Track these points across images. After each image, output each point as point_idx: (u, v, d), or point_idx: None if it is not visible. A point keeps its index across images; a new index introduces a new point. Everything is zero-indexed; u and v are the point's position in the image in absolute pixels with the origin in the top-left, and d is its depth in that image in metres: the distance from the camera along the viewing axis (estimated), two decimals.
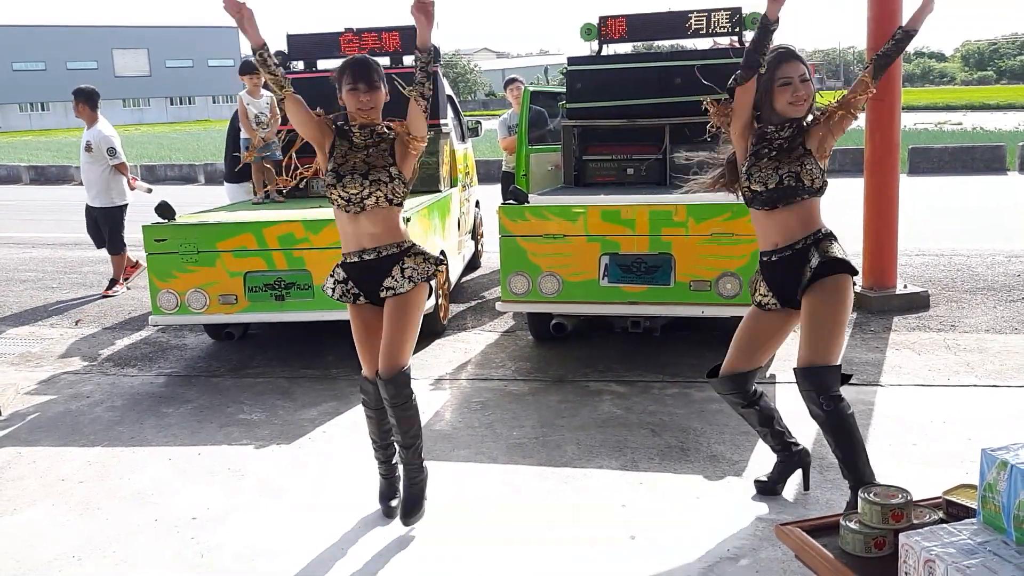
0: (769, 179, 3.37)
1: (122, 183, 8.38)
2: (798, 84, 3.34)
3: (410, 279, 3.48)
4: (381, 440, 3.71)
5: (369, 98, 3.42)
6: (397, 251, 3.49)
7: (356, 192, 3.40)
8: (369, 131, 3.48)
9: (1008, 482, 1.78)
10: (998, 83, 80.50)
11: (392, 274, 3.47)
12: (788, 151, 3.39)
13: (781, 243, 3.43)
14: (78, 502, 3.93)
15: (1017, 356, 5.49)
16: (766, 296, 3.53)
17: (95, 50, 77.44)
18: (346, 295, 3.55)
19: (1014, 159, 17.13)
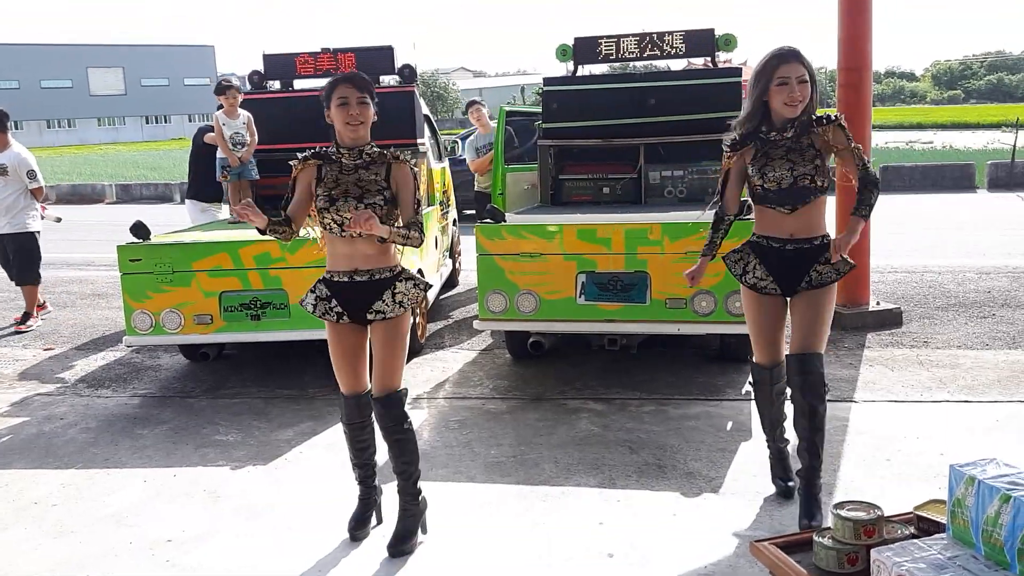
0: (783, 178, 3.44)
1: (36, 208, 7.88)
2: (795, 85, 3.38)
3: (400, 304, 3.45)
4: (356, 458, 3.68)
5: (358, 112, 3.36)
6: (390, 276, 3.46)
7: (351, 216, 3.31)
8: (358, 152, 3.42)
9: (976, 497, 1.81)
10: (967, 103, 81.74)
11: (383, 298, 3.43)
12: (799, 151, 3.46)
13: (799, 235, 3.52)
14: (52, 525, 3.89)
15: (988, 372, 5.56)
16: (764, 280, 3.58)
17: (70, 69, 77.03)
18: (329, 312, 3.49)
19: (983, 177, 17.41)
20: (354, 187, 3.39)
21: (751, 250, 3.63)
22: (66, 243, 12.98)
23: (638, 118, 6.83)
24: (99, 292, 9.45)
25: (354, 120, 3.36)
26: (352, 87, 3.36)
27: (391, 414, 3.51)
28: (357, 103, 3.36)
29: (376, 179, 3.41)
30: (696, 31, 6.96)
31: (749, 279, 3.61)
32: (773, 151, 3.49)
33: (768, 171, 3.46)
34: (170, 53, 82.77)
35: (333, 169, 3.44)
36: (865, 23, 6.77)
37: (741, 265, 3.63)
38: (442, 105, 74.53)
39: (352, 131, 3.38)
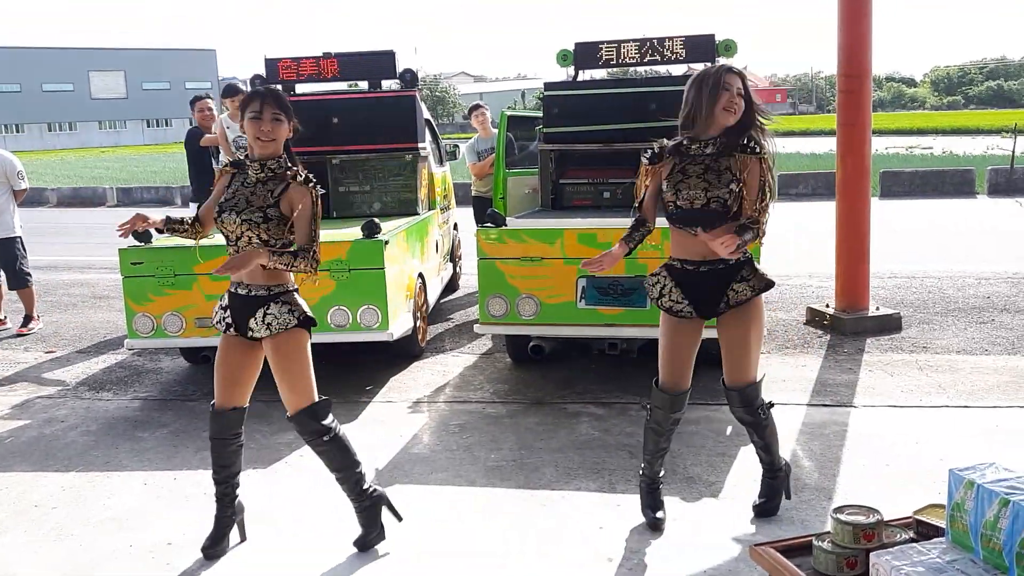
0: (696, 198, 3.38)
1: (17, 212, 7.85)
2: (735, 93, 3.35)
3: (268, 326, 3.34)
4: (215, 474, 3.61)
5: (269, 128, 3.28)
6: (265, 294, 3.37)
7: (232, 230, 3.32)
8: (260, 166, 3.33)
9: (975, 501, 1.81)
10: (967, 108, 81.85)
11: (255, 316, 3.36)
12: (716, 173, 3.39)
13: (711, 256, 3.45)
14: (52, 528, 3.89)
15: (987, 376, 5.57)
16: (680, 303, 3.53)
17: (71, 72, 77.16)
18: (220, 322, 3.48)
19: (983, 183, 17.43)
20: (243, 200, 3.32)
21: (667, 273, 3.59)
22: (67, 246, 13.00)
23: (639, 123, 6.83)
24: (100, 295, 9.46)
25: (265, 136, 3.29)
26: (268, 102, 3.28)
27: (305, 430, 3.50)
28: (271, 119, 3.28)
29: (267, 195, 3.31)
30: (696, 36, 6.98)
31: (665, 303, 3.56)
32: (690, 167, 3.43)
33: (683, 189, 3.40)
34: (172, 57, 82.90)
35: (238, 180, 3.40)
36: (865, 30, 6.79)
37: (657, 288, 3.60)
38: (443, 109, 74.63)
39: (262, 147, 3.31)
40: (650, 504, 3.74)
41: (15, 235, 7.78)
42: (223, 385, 3.53)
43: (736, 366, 3.58)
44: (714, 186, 3.37)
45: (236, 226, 3.31)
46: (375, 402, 5.51)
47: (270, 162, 3.33)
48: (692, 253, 3.51)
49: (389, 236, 5.59)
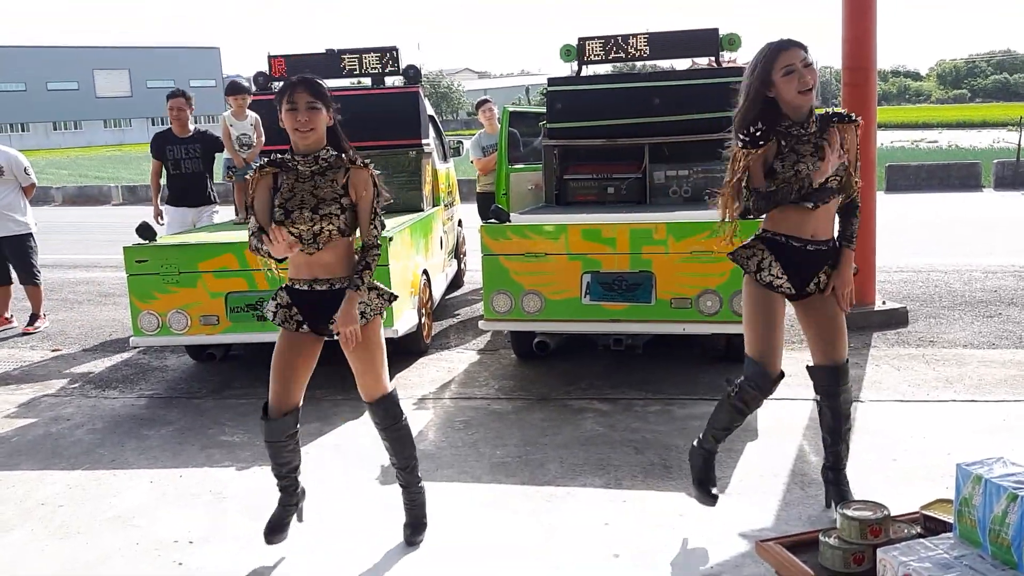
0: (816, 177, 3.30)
1: (29, 207, 7.89)
2: (802, 70, 3.23)
3: (362, 314, 3.31)
4: (278, 473, 3.55)
5: (307, 118, 3.21)
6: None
7: (306, 228, 3.23)
8: (313, 158, 3.27)
9: (983, 496, 1.80)
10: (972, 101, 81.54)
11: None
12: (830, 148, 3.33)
13: (819, 236, 3.41)
14: (58, 526, 3.90)
15: (995, 371, 5.55)
16: (780, 278, 3.40)
17: (76, 71, 77.32)
18: (289, 321, 3.37)
19: (989, 176, 17.37)
20: (309, 196, 3.25)
21: (765, 246, 3.44)
22: (72, 244, 13.03)
23: (642, 118, 6.82)
24: (106, 293, 9.47)
25: (303, 127, 3.21)
26: (304, 92, 3.22)
27: (388, 415, 3.50)
28: (306, 108, 3.21)
29: (333, 186, 3.27)
30: (700, 31, 6.97)
31: (765, 276, 3.41)
32: (800, 147, 3.32)
33: (800, 167, 3.29)
34: (176, 55, 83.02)
35: (289, 177, 3.30)
36: (870, 23, 6.76)
37: (755, 262, 3.43)
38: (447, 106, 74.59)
39: (302, 138, 3.24)
40: (709, 479, 3.65)
41: (28, 231, 7.82)
42: (283, 384, 3.42)
43: (833, 345, 3.55)
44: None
45: (313, 223, 3.23)
46: None
47: (321, 153, 3.28)
48: (800, 229, 3.39)
49: (393, 233, 5.58)
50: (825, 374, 3.57)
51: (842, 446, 3.67)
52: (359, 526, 3.78)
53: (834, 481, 3.69)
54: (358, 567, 3.44)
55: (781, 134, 3.34)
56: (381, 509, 3.90)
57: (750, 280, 3.48)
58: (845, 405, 3.62)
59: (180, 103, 7.33)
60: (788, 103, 3.30)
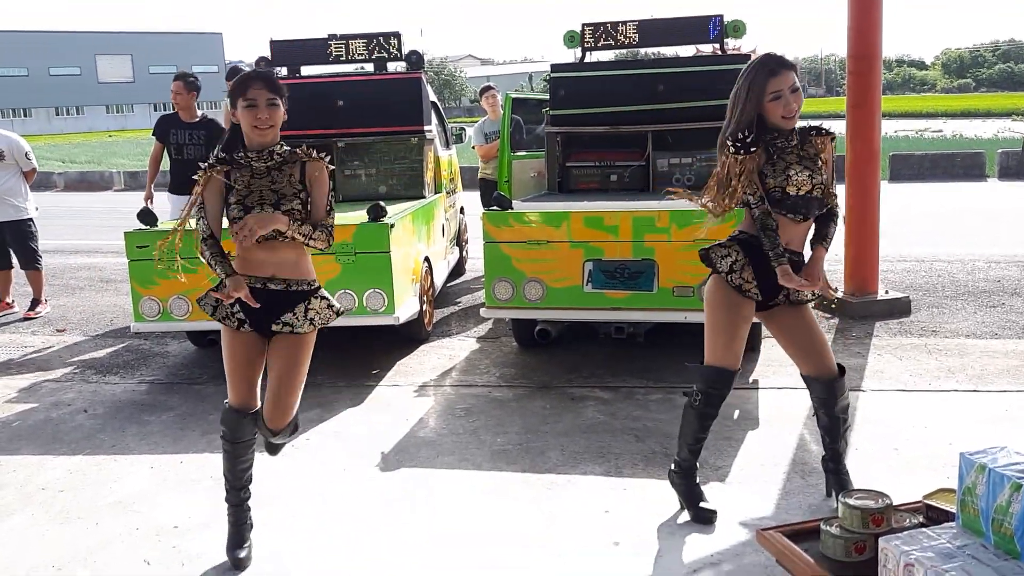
0: (804, 184, 3.32)
1: (30, 192, 7.88)
2: (788, 96, 3.27)
3: (311, 321, 3.26)
4: (236, 480, 3.42)
5: (268, 115, 3.14)
6: (308, 289, 3.28)
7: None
8: (268, 153, 3.20)
9: (986, 486, 1.79)
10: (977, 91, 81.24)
11: (295, 311, 3.24)
12: (810, 159, 3.37)
13: (792, 246, 3.40)
14: (59, 511, 3.90)
15: (997, 361, 5.54)
16: (751, 283, 3.39)
17: (78, 56, 77.19)
18: (230, 318, 3.27)
19: (993, 166, 17.31)
20: (268, 192, 3.17)
21: (740, 248, 3.42)
22: (74, 229, 13.02)
23: (646, 105, 6.79)
24: (107, 278, 9.47)
25: (263, 124, 3.15)
26: (262, 88, 3.15)
27: (283, 438, 3.45)
28: (266, 105, 3.14)
29: (291, 181, 3.21)
30: (692, 18, 6.94)
31: (735, 279, 3.38)
32: (786, 156, 3.35)
33: (793, 174, 3.31)
34: (178, 41, 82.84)
35: (244, 174, 3.20)
36: (875, 11, 6.72)
37: (727, 262, 3.40)
38: (449, 92, 74.40)
39: (260, 135, 3.17)
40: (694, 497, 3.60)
41: (29, 216, 7.80)
42: (242, 384, 3.33)
43: (820, 356, 3.50)
44: (815, 172, 3.35)
45: None
46: (381, 386, 5.50)
47: (276, 148, 3.21)
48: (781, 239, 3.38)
49: (395, 219, 5.56)
50: (820, 387, 3.55)
51: (840, 443, 3.68)
52: (360, 511, 3.78)
53: (834, 471, 3.69)
54: (358, 552, 3.44)
55: (768, 143, 3.37)
56: (381, 495, 3.90)
57: (719, 281, 3.44)
58: (842, 412, 3.60)
59: (178, 86, 7.18)
60: (772, 123, 3.35)
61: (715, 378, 3.46)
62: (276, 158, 3.22)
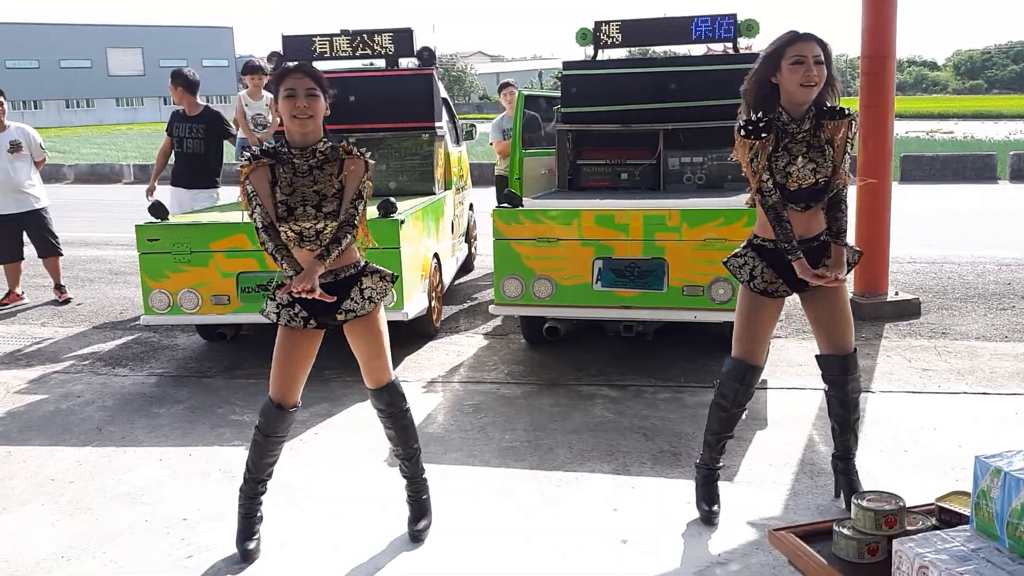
0: (806, 178, 3.29)
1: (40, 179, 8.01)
2: (811, 64, 3.18)
3: (370, 299, 3.30)
4: (258, 473, 3.44)
5: (307, 105, 3.10)
6: (355, 272, 3.30)
7: (310, 226, 3.16)
8: (311, 151, 3.17)
9: (1002, 489, 1.78)
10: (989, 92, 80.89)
11: (352, 296, 3.27)
12: (818, 149, 3.29)
13: (810, 233, 3.39)
14: (68, 502, 3.91)
15: (1007, 363, 5.51)
16: (774, 283, 3.40)
17: (89, 49, 77.35)
18: (295, 319, 3.27)
19: (1005, 168, 17.23)
20: (311, 193, 3.16)
21: (755, 253, 3.44)
22: (85, 222, 13.05)
23: (657, 103, 6.78)
24: (117, 271, 9.50)
25: (302, 113, 3.10)
26: (302, 77, 3.12)
27: (393, 402, 3.45)
28: (305, 94, 3.11)
29: (331, 181, 3.19)
30: (677, 18, 6.93)
31: (759, 284, 3.41)
32: (793, 145, 3.29)
33: (792, 169, 3.28)
34: (189, 34, 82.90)
35: (287, 171, 3.19)
36: (890, 10, 6.68)
37: (747, 270, 3.44)
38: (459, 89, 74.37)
39: (300, 125, 3.13)
40: (705, 497, 3.62)
41: (44, 205, 7.94)
42: (288, 379, 3.34)
43: (839, 335, 3.51)
44: (820, 164, 3.29)
45: (317, 221, 3.16)
46: None
47: (318, 146, 3.18)
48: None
49: (405, 215, 5.56)
50: (833, 363, 3.55)
51: (851, 436, 3.65)
52: (368, 505, 3.78)
53: (843, 471, 3.68)
54: (369, 546, 3.44)
55: (779, 128, 3.30)
56: (392, 489, 3.90)
57: (745, 288, 3.49)
58: (853, 395, 3.59)
59: (170, 85, 7.29)
60: (788, 93, 3.26)
61: (731, 368, 3.52)
62: (319, 156, 3.19)
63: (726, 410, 3.56)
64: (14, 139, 7.67)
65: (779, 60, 3.23)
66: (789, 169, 3.29)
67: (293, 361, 3.34)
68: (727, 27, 6.82)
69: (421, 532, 3.50)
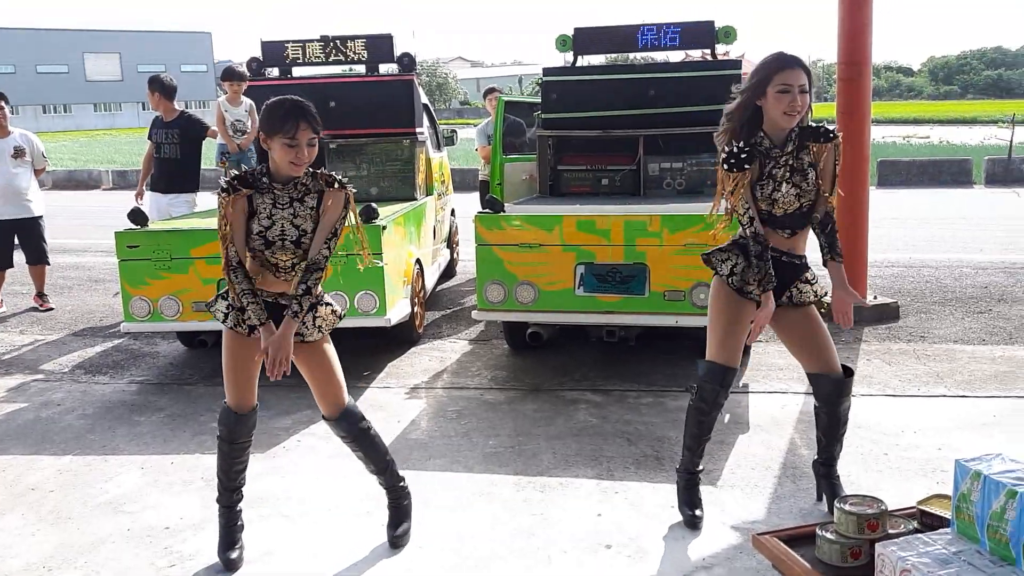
0: (791, 204, 3.34)
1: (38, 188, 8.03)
2: (796, 94, 3.23)
3: (319, 328, 3.30)
4: (230, 482, 3.43)
5: (308, 155, 3.07)
6: (314, 300, 3.26)
7: (286, 260, 3.17)
8: (293, 184, 3.14)
9: (982, 493, 1.80)
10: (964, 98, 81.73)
11: (304, 322, 3.25)
12: (800, 173, 3.34)
13: (795, 251, 3.46)
14: (49, 511, 3.88)
15: (984, 366, 5.57)
16: (751, 285, 3.41)
17: (66, 54, 76.75)
18: (240, 324, 3.26)
19: (980, 173, 17.42)
20: (290, 227, 3.14)
21: (740, 251, 3.45)
22: (63, 229, 12.93)
23: (638, 109, 6.81)
24: (96, 278, 9.43)
25: (301, 163, 3.07)
26: (307, 129, 3.04)
27: (353, 426, 3.42)
28: (307, 145, 3.06)
29: (311, 214, 3.16)
30: (696, 23, 6.95)
31: (736, 281, 3.43)
32: (776, 171, 3.33)
33: (777, 196, 3.32)
34: (167, 39, 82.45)
35: (266, 201, 3.13)
36: (866, 17, 6.75)
37: (728, 265, 3.45)
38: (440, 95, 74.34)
39: (296, 171, 3.09)
40: (687, 501, 3.63)
41: (41, 213, 7.93)
42: (243, 385, 3.35)
43: (827, 355, 3.53)
44: (804, 189, 3.34)
45: (294, 257, 3.17)
46: (372, 387, 5.50)
47: (300, 179, 3.13)
48: (776, 243, 3.43)
49: (387, 221, 5.56)
50: (827, 384, 3.55)
51: (836, 446, 3.69)
52: (351, 513, 3.77)
53: (825, 475, 3.71)
54: (351, 553, 3.43)
55: (762, 155, 3.33)
56: (374, 496, 3.88)
57: (720, 283, 3.49)
58: (844, 413, 3.61)
59: (148, 91, 7.31)
60: (771, 119, 3.31)
61: (708, 372, 3.52)
62: (300, 188, 3.16)
63: (705, 413, 3.57)
64: (18, 144, 7.71)
65: (766, 85, 3.27)
66: (775, 196, 3.33)
67: (241, 367, 3.33)
68: (672, 36, 6.88)
69: (400, 538, 3.49)
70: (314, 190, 3.18)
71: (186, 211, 7.19)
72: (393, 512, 3.56)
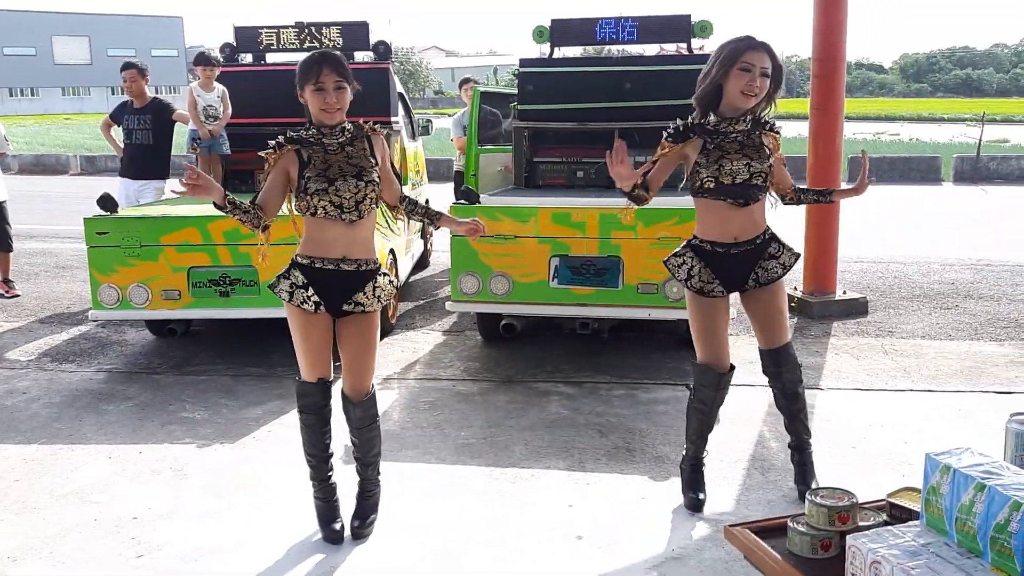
0: (739, 173, 3.35)
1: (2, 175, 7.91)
2: (757, 75, 3.26)
3: (379, 299, 3.36)
4: (320, 452, 3.47)
5: (336, 99, 3.19)
6: (374, 268, 3.35)
7: (350, 195, 3.20)
8: (340, 130, 3.25)
9: (950, 486, 1.82)
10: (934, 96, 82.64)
11: (365, 291, 3.31)
12: (753, 148, 3.38)
13: (742, 237, 3.46)
14: (14, 501, 3.82)
15: (951, 361, 5.65)
16: (711, 283, 3.47)
17: (33, 36, 75.38)
18: (306, 302, 3.28)
19: (949, 170, 17.65)
20: (348, 165, 3.24)
21: (693, 253, 3.51)
22: (30, 214, 12.74)
23: (613, 102, 6.82)
24: (64, 265, 9.29)
25: (331, 108, 3.19)
26: (331, 72, 3.18)
27: (368, 415, 3.47)
28: (334, 89, 3.18)
29: (364, 154, 3.30)
30: (673, 17, 6.97)
31: (695, 283, 3.48)
32: (726, 143, 3.37)
33: (725, 163, 3.34)
34: (138, 23, 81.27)
35: (317, 151, 3.25)
36: (840, 14, 6.80)
37: (685, 269, 3.51)
38: (414, 84, 73.95)
39: (329, 118, 3.21)
40: (692, 485, 3.72)
41: (4, 199, 7.78)
42: (319, 361, 3.40)
43: (772, 331, 3.62)
44: (756, 161, 3.37)
45: (359, 190, 3.22)
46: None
47: (345, 125, 3.28)
48: (723, 234, 3.45)
49: None
50: (767, 356, 3.68)
51: (799, 424, 3.75)
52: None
53: (799, 461, 3.76)
54: (320, 544, 3.42)
55: (709, 132, 3.39)
56: (344, 487, 3.87)
57: (686, 290, 3.58)
58: (791, 384, 3.68)
59: (132, 74, 7.23)
60: (729, 98, 3.34)
61: (701, 374, 3.61)
62: (347, 134, 3.28)
63: (705, 413, 3.68)
64: None
65: (732, 63, 3.29)
66: (722, 163, 3.36)
67: (315, 344, 3.38)
68: (629, 30, 6.90)
69: (364, 530, 3.48)
70: (359, 136, 3.32)
71: (153, 198, 7.11)
72: (361, 504, 3.55)
